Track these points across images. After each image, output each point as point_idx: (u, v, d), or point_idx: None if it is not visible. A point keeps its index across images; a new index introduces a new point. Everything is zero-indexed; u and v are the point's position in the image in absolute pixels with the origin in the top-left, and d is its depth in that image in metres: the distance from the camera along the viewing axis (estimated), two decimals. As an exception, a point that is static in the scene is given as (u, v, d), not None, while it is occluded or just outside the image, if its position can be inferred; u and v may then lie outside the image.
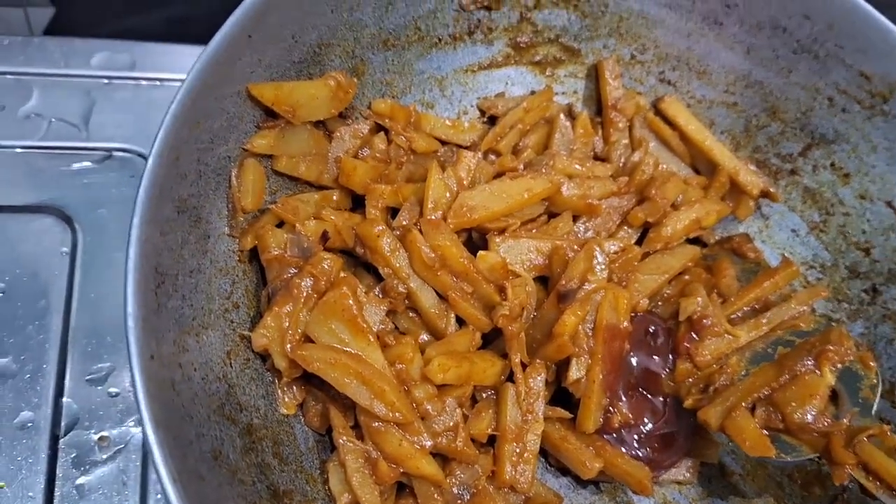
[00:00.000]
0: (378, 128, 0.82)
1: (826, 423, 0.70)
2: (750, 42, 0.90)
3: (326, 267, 0.68)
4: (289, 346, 0.65)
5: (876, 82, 0.85)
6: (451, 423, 0.70)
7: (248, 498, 0.57)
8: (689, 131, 0.90)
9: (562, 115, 0.91)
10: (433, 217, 0.75)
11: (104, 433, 0.80)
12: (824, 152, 0.90)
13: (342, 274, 0.69)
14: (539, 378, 0.74)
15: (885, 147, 0.87)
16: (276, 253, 0.68)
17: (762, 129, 0.93)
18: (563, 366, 0.75)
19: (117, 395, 0.83)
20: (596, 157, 0.92)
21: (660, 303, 0.83)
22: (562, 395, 0.77)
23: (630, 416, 0.78)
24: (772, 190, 0.90)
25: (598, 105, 0.95)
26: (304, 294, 0.66)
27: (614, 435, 0.78)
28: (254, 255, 0.71)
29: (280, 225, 0.72)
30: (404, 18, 0.81)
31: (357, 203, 0.79)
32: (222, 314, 0.65)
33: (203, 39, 0.62)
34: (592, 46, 0.93)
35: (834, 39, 0.86)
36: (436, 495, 0.68)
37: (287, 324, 0.66)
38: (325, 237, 0.72)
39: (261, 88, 0.68)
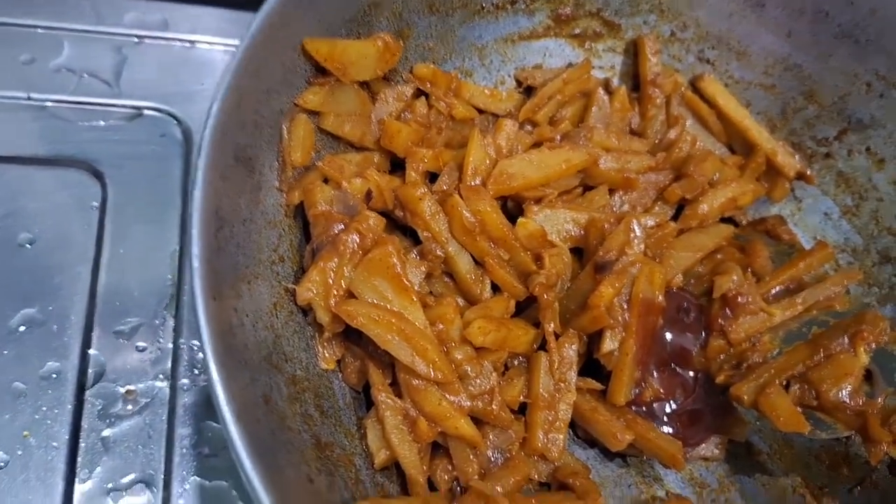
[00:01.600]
0: (419, 92, 0.82)
1: (861, 402, 0.71)
2: (791, 25, 0.90)
3: (372, 224, 0.67)
4: (333, 300, 0.65)
5: (915, 68, 0.86)
6: (488, 387, 0.70)
7: (296, 444, 0.57)
8: (728, 110, 0.90)
9: (600, 89, 0.91)
10: (473, 183, 0.75)
11: (130, 387, 0.80)
12: (860, 137, 0.91)
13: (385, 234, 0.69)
14: (572, 348, 0.75)
15: (921, 134, 0.87)
16: (322, 209, 0.68)
17: (799, 111, 0.93)
18: (595, 337, 0.76)
19: (144, 349, 0.82)
20: (632, 133, 0.92)
21: (692, 280, 0.84)
22: (592, 367, 0.77)
23: (661, 390, 0.78)
24: (807, 172, 0.91)
25: (635, 81, 0.95)
26: (350, 250, 0.66)
27: (644, 409, 0.78)
28: (299, 210, 0.70)
29: (326, 182, 0.72)
30: (451, -15, 0.81)
31: (395, 167, 0.79)
32: (269, 266, 0.65)
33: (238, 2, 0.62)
34: (633, 22, 0.93)
35: (876, 25, 0.86)
36: (471, 457, 0.68)
37: (332, 279, 0.66)
38: (369, 196, 0.72)
39: (316, 44, 0.68)
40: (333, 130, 0.74)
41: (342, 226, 0.67)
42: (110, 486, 0.75)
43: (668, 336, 0.80)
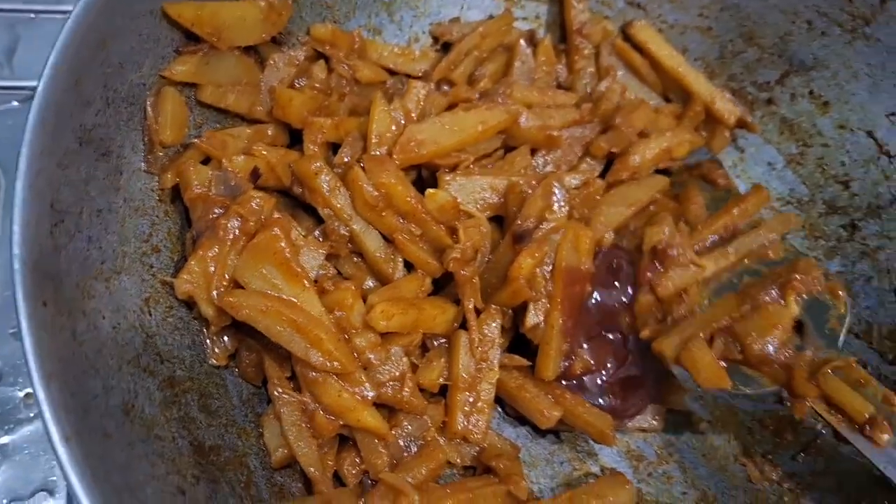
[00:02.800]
0: (318, 55, 0.75)
1: (788, 355, 0.66)
2: (725, -40, 0.83)
3: (256, 206, 0.62)
4: (215, 292, 0.60)
5: (857, 4, 0.79)
6: (398, 373, 0.65)
7: (167, 455, 0.52)
8: (662, 57, 0.84)
9: (522, 42, 0.84)
10: (377, 153, 0.69)
11: (30, 390, 0.75)
12: (803, 80, 0.84)
13: (275, 215, 0.63)
14: (494, 325, 0.70)
15: (867, 73, 0.81)
16: (199, 191, 0.62)
17: (738, 55, 0.87)
18: (520, 311, 0.70)
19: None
20: (559, 87, 0.85)
21: (625, 238, 0.78)
22: (520, 342, 0.72)
23: (591, 361, 0.73)
24: (749, 120, 0.85)
25: (562, 31, 0.88)
26: (232, 236, 0.61)
27: (574, 382, 0.74)
28: (177, 194, 0.64)
29: (206, 162, 0.65)
30: (344, -72, 0.74)
31: (294, 139, 0.73)
32: (139, 258, 0.59)
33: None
34: (557, -35, 0.86)
35: (814, -43, 0.79)
36: (380, 448, 0.64)
37: (213, 268, 0.60)
38: (255, 175, 0.66)
39: (179, 8, 0.61)
40: (214, 102, 0.67)
41: (222, 210, 0.62)
42: (11, 496, 0.71)
43: (598, 298, 0.75)
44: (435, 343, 0.71)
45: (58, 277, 0.48)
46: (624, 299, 0.76)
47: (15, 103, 0.90)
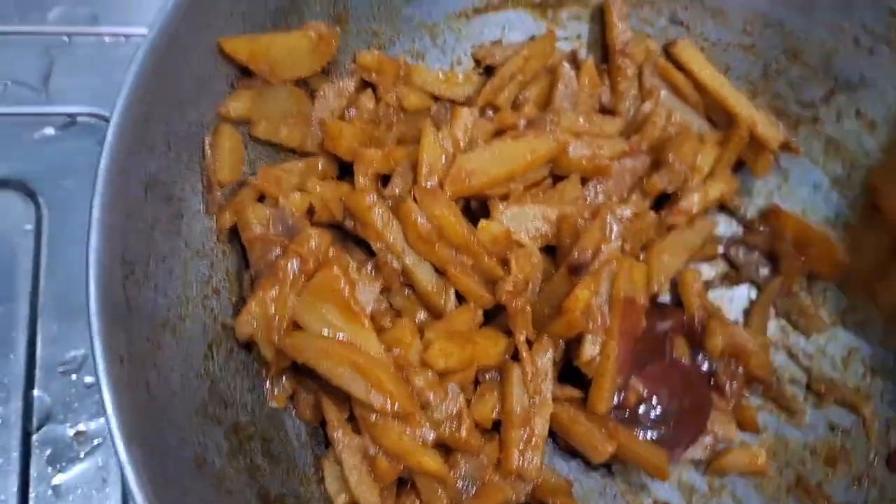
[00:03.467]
0: (364, 84, 0.74)
1: None
2: (769, -24, 0.82)
3: (314, 246, 0.61)
4: (276, 334, 0.59)
5: (906, 21, 0.78)
6: (454, 411, 0.64)
7: (238, 508, 0.51)
8: (705, 79, 0.83)
9: (565, 64, 0.83)
10: (428, 184, 0.68)
11: (80, 427, 0.74)
12: (849, 99, 0.83)
13: (331, 252, 0.62)
14: (546, 356, 0.69)
15: (916, 93, 0.80)
16: (258, 231, 0.61)
17: (782, 73, 0.85)
18: (573, 342, 0.70)
19: (93, 384, 0.76)
20: (602, 109, 0.84)
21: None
22: (570, 371, 0.71)
23: (644, 392, 0.73)
24: (793, 142, 0.84)
25: (604, 51, 0.87)
26: (291, 276, 0.60)
27: (627, 413, 0.73)
28: (234, 233, 0.64)
29: (262, 199, 0.65)
30: (392, -44, 0.73)
31: (345, 171, 0.72)
32: (201, 301, 0.59)
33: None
34: (598, -16, 0.85)
35: (861, -28, 0.78)
36: (439, 491, 0.63)
37: (273, 310, 0.59)
38: (311, 211, 0.65)
39: (234, 43, 0.60)
40: (268, 137, 0.66)
41: (281, 249, 0.61)
42: (68, 538, 0.71)
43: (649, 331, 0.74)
44: (486, 376, 0.70)
45: (131, 331, 0.48)
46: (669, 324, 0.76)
47: (51, 129, 0.89)
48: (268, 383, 0.62)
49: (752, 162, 0.84)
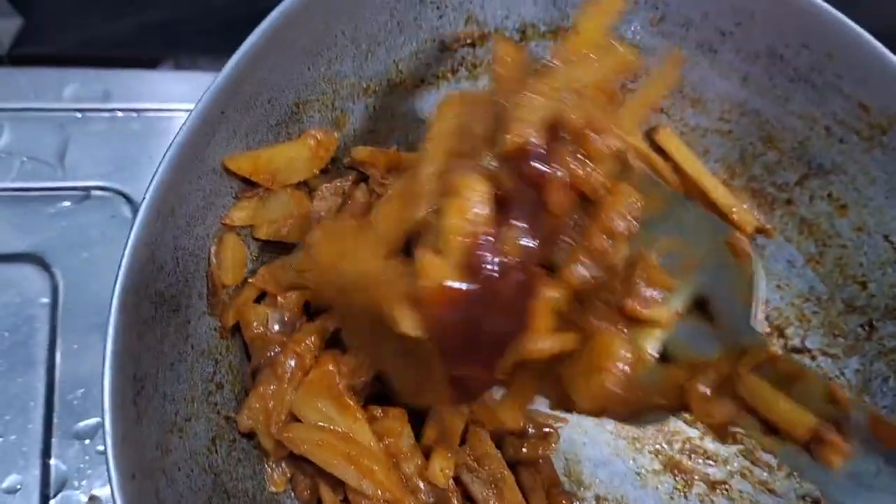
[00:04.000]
0: (360, 177, 0.79)
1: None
2: (746, 70, 0.86)
3: (310, 343, 0.66)
4: (275, 426, 0.64)
5: (875, 114, 0.82)
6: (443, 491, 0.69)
7: None
8: (685, 166, 0.87)
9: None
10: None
11: (94, 492, 0.79)
12: (821, 183, 0.88)
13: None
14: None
15: (884, 180, 0.84)
16: (258, 331, 0.66)
17: (758, 157, 0.90)
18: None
19: (103, 452, 0.81)
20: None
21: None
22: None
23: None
24: (767, 227, 0.88)
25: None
26: (289, 373, 0.65)
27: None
28: (236, 328, 0.69)
29: (263, 296, 0.70)
30: (384, 64, 0.77)
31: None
32: (205, 398, 0.64)
33: (178, 47, 0.58)
34: (581, 76, 0.89)
35: (833, 69, 0.82)
36: (429, 568, 0.68)
37: (272, 404, 0.64)
38: (307, 306, 0.70)
39: (238, 161, 0.65)
40: (270, 238, 0.71)
41: (279, 347, 0.66)
42: None
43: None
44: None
45: (141, 443, 0.52)
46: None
47: (67, 203, 0.94)
48: (267, 468, 0.67)
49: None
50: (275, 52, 0.64)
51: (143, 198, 0.54)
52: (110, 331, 0.50)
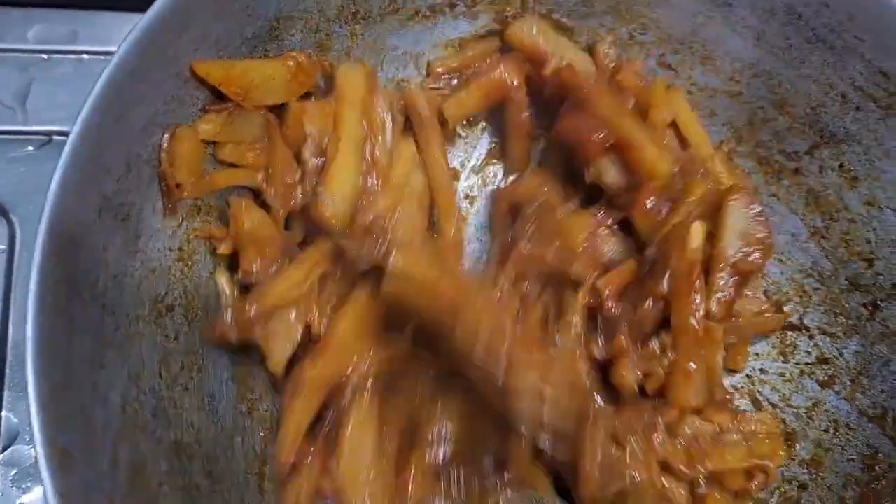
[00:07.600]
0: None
1: None
2: (761, 28, 0.81)
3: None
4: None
5: (895, 80, 0.77)
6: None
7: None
8: (686, 132, 0.83)
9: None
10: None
11: (45, 449, 0.75)
12: (833, 152, 0.83)
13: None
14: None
15: (900, 152, 0.79)
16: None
17: (768, 122, 0.85)
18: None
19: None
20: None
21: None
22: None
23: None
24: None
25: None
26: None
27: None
28: (196, 249, 0.64)
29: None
30: (379, -12, 0.73)
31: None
32: (153, 319, 0.59)
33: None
34: (587, 24, 0.85)
35: (853, 31, 0.77)
36: None
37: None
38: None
39: (208, 67, 0.61)
40: (234, 161, 0.66)
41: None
42: (28, 561, 0.71)
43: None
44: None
45: (69, 351, 0.48)
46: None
47: (30, 148, 0.87)
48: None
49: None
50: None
51: (90, 91, 0.49)
52: (43, 223, 0.46)
